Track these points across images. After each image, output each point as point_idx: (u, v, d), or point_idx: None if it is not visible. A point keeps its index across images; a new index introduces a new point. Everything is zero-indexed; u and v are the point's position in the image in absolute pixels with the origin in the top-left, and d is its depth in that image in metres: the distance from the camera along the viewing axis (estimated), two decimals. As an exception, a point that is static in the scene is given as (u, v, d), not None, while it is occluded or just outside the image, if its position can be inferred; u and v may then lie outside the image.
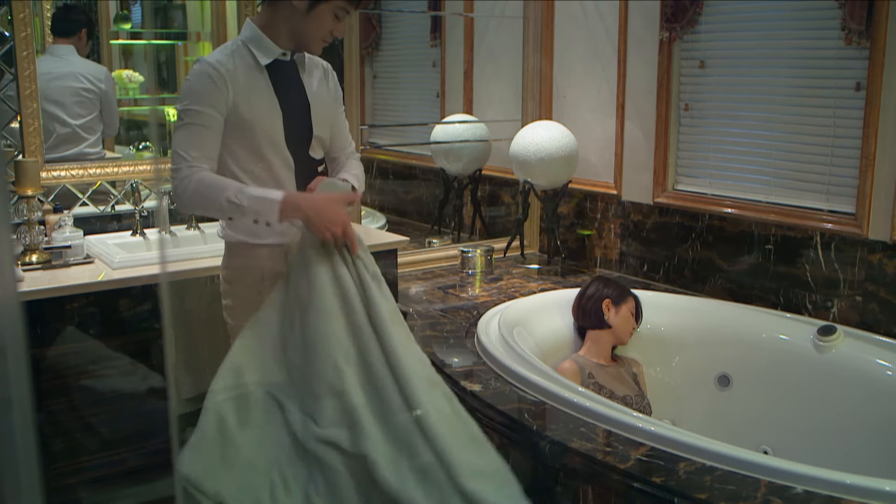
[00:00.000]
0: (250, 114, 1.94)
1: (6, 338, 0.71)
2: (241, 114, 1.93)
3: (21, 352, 0.72)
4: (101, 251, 2.57)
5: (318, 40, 1.99)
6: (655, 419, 2.21)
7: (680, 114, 3.19)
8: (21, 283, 2.29)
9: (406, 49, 4.47)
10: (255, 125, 1.95)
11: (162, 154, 3.24)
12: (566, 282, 3.26)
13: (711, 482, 1.74)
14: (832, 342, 2.52)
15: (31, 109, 2.66)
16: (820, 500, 1.66)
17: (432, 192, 4.12)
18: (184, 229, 2.89)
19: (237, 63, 1.95)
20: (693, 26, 3.07)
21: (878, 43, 2.48)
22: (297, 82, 2.05)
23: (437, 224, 4.01)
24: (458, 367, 2.43)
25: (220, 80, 1.91)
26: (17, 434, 0.71)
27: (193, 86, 1.92)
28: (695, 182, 3.17)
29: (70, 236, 2.51)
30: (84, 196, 2.83)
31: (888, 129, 2.50)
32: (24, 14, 2.62)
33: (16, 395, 0.71)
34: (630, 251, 3.35)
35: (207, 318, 2.60)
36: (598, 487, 1.86)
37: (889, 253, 2.52)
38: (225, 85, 1.91)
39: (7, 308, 0.72)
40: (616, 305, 2.69)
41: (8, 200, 2.14)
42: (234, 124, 1.94)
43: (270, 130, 1.97)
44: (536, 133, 3.31)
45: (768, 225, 2.85)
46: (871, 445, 2.32)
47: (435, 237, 3.91)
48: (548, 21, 3.65)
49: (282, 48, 2.00)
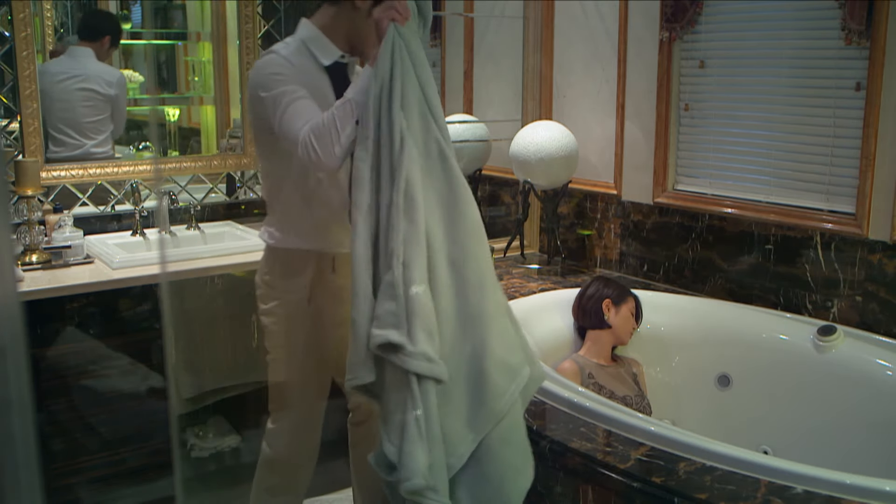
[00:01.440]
0: None
1: (6, 338, 0.71)
2: None
3: (21, 352, 0.72)
4: (101, 251, 2.57)
5: (375, 43, 1.85)
6: (655, 419, 2.21)
7: (680, 114, 3.19)
8: (21, 283, 2.29)
9: (406, 49, 4.47)
10: None
11: (162, 154, 3.24)
12: (566, 282, 3.26)
13: (711, 482, 1.74)
14: (832, 342, 2.52)
15: (31, 109, 2.66)
16: (820, 500, 1.66)
17: (432, 192, 4.12)
18: (184, 229, 2.89)
19: (303, 61, 1.96)
20: (693, 26, 3.07)
21: (878, 43, 2.48)
22: (347, 85, 1.99)
23: (437, 224, 4.00)
24: (458, 367, 2.43)
25: (293, 70, 1.91)
26: (17, 434, 0.71)
27: (275, 70, 1.90)
28: (695, 182, 3.17)
29: (70, 236, 2.51)
30: (84, 196, 2.83)
31: (888, 129, 2.50)
32: (24, 14, 2.62)
33: (16, 395, 0.71)
34: (630, 251, 3.35)
35: (207, 318, 2.61)
36: (598, 487, 1.86)
37: (889, 253, 2.52)
38: (296, 78, 1.90)
39: (7, 308, 0.72)
40: (616, 305, 2.69)
41: (8, 200, 2.15)
42: None
43: None
44: (536, 133, 3.31)
45: (768, 225, 2.85)
46: (871, 445, 2.32)
47: (435, 237, 3.91)
48: (548, 21, 3.65)
49: (340, 50, 2.01)
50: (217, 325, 2.65)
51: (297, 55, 1.95)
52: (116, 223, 2.89)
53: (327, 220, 2.05)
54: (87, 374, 2.36)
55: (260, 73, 1.92)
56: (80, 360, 2.35)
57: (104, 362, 2.38)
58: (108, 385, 2.39)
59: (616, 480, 1.82)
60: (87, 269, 2.46)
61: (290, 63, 1.92)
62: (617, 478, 1.81)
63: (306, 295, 2.06)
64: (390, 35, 1.69)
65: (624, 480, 1.80)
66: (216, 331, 2.66)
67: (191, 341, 2.62)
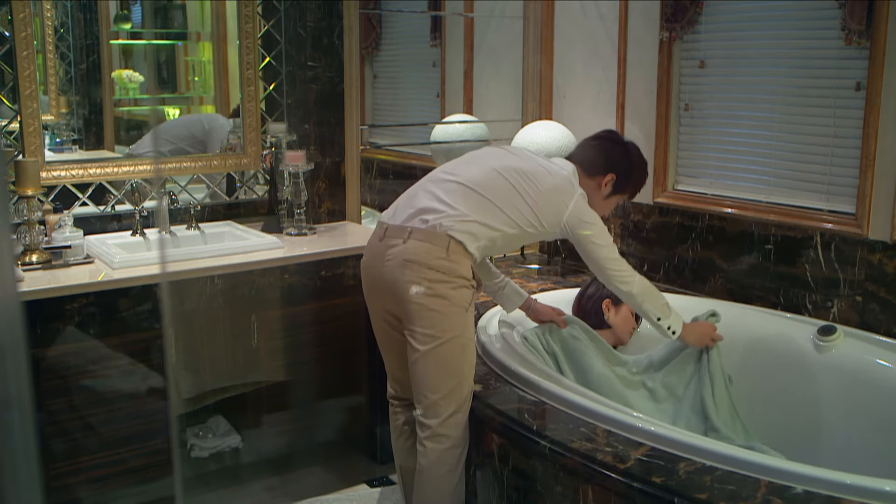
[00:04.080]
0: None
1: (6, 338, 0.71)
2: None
3: (21, 352, 0.72)
4: (101, 251, 2.57)
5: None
6: (655, 419, 2.21)
7: (680, 114, 3.19)
8: (21, 283, 2.29)
9: (406, 49, 4.47)
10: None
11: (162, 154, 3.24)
12: (566, 282, 3.26)
13: (711, 482, 1.74)
14: (832, 342, 2.52)
15: (30, 109, 2.66)
16: (820, 500, 1.66)
17: (432, 192, 4.11)
18: (184, 229, 2.89)
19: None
20: (693, 26, 3.07)
21: (878, 43, 2.48)
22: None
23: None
24: (458, 367, 2.43)
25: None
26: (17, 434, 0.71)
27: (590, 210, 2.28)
28: (695, 182, 3.17)
29: (70, 236, 2.51)
30: (84, 196, 2.83)
31: (888, 129, 2.50)
32: (24, 14, 2.62)
33: (16, 395, 0.71)
34: (630, 251, 3.35)
35: (207, 318, 2.61)
36: (598, 487, 1.86)
37: (889, 253, 2.52)
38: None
39: (7, 308, 0.72)
40: (616, 305, 2.68)
41: (8, 200, 2.15)
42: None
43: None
44: (536, 133, 3.30)
45: (768, 225, 2.85)
46: (871, 445, 2.32)
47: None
48: (548, 21, 3.65)
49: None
50: (217, 325, 2.65)
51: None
52: (116, 223, 2.89)
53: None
54: (87, 374, 2.35)
55: (583, 211, 2.26)
56: (80, 360, 2.34)
57: (104, 362, 2.38)
58: (108, 385, 2.39)
59: (616, 480, 1.82)
60: (87, 269, 2.46)
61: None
62: (617, 478, 1.81)
63: (471, 304, 2.21)
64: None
65: (624, 480, 1.80)
66: (216, 331, 2.66)
67: (191, 341, 2.62)
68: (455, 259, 2.11)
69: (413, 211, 2.18)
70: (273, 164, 3.06)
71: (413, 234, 2.13)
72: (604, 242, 2.26)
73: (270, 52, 3.12)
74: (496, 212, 2.18)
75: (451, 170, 2.30)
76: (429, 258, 2.09)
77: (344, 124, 3.22)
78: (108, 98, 3.08)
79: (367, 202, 3.94)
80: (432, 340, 2.10)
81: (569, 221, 2.24)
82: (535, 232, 2.25)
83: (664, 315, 2.33)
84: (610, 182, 2.38)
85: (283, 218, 3.03)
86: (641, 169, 2.48)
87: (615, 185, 2.39)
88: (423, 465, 2.17)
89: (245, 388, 2.83)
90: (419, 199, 2.21)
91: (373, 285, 2.25)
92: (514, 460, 2.12)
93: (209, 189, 3.10)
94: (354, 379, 2.98)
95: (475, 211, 2.16)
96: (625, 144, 2.46)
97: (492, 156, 2.36)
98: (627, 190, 2.45)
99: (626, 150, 2.44)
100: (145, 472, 2.46)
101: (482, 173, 2.24)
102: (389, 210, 2.28)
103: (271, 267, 2.69)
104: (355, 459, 3.03)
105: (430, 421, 2.15)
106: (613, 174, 2.38)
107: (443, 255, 2.10)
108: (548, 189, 2.23)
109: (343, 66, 3.19)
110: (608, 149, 2.41)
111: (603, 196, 2.39)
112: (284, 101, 3.14)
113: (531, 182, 2.22)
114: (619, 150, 2.43)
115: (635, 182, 2.46)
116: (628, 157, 2.42)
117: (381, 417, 2.70)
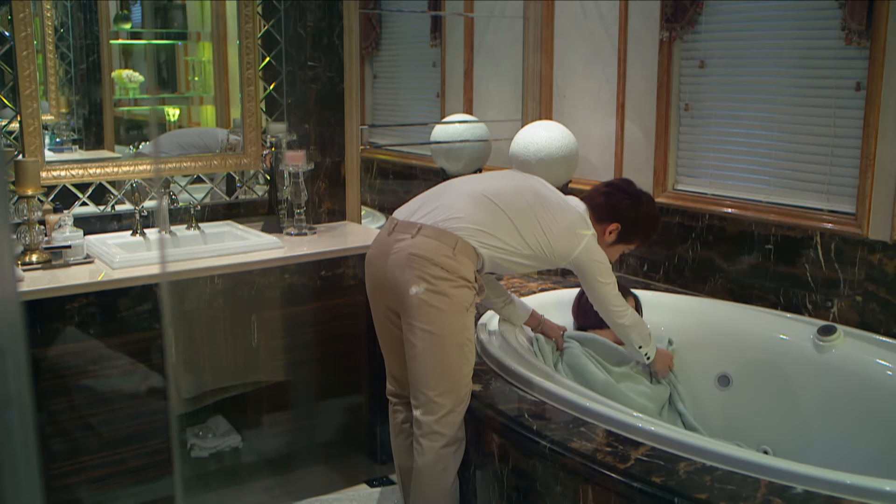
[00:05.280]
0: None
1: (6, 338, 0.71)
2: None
3: (21, 352, 0.72)
4: (101, 251, 2.57)
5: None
6: (655, 419, 2.21)
7: (680, 114, 3.19)
8: (21, 283, 2.29)
9: (406, 49, 4.47)
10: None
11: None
12: (566, 281, 3.26)
13: (711, 482, 1.74)
14: (832, 342, 2.52)
15: (30, 109, 2.66)
16: (820, 500, 1.66)
17: (432, 192, 4.12)
18: (184, 229, 2.89)
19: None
20: (693, 26, 3.07)
21: (878, 43, 2.48)
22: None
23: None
24: (458, 367, 2.43)
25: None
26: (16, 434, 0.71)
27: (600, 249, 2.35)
28: (695, 182, 3.17)
29: (70, 236, 2.51)
30: (84, 196, 2.83)
31: (888, 129, 2.50)
32: (24, 14, 2.62)
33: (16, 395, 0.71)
34: (630, 251, 3.34)
35: (207, 318, 2.61)
36: (598, 487, 1.86)
37: (889, 253, 2.52)
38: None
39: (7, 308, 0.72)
40: (616, 305, 2.69)
41: (8, 200, 2.14)
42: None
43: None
44: (536, 133, 3.30)
45: (768, 225, 2.85)
46: (871, 445, 2.32)
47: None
48: (548, 21, 3.65)
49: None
50: (217, 325, 2.65)
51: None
52: (116, 223, 2.89)
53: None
54: (87, 374, 2.35)
55: (595, 254, 2.34)
56: (80, 360, 2.34)
57: (104, 362, 2.38)
58: (108, 385, 2.39)
59: (616, 480, 1.82)
60: (87, 269, 2.46)
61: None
62: (617, 478, 1.81)
63: (471, 305, 2.21)
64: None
65: (624, 480, 1.80)
66: (216, 331, 2.66)
67: (191, 341, 2.62)
68: (460, 259, 2.12)
69: (428, 210, 2.21)
70: (273, 164, 3.06)
71: (422, 231, 2.15)
72: (608, 281, 2.36)
73: (270, 52, 3.12)
74: (511, 228, 2.21)
75: (474, 180, 2.36)
76: (435, 254, 2.10)
77: (344, 124, 3.22)
78: (108, 98, 3.09)
79: (367, 202, 3.94)
80: (430, 337, 2.10)
81: (578, 258, 2.31)
82: (542, 257, 2.29)
83: (645, 343, 2.48)
84: (615, 231, 2.43)
85: (283, 218, 3.03)
86: (650, 222, 2.51)
87: (620, 234, 2.44)
88: (420, 463, 2.18)
89: (245, 388, 2.83)
90: (436, 201, 2.24)
91: (375, 279, 2.26)
92: (514, 460, 2.12)
93: (209, 189, 3.11)
94: (354, 379, 2.98)
95: (491, 222, 2.19)
96: (636, 196, 2.49)
97: (516, 177, 2.43)
98: (634, 241, 2.51)
99: (635, 201, 2.47)
100: (145, 472, 2.46)
101: (505, 188, 2.28)
102: (403, 208, 2.31)
103: (271, 267, 2.69)
104: (355, 459, 3.03)
105: (426, 418, 2.15)
106: (618, 224, 2.42)
107: (449, 253, 2.11)
108: (564, 223, 2.29)
109: (343, 66, 3.19)
110: (618, 199, 2.45)
111: (607, 243, 2.44)
112: (284, 101, 3.14)
113: (549, 212, 2.27)
114: (628, 202, 2.45)
115: (643, 234, 2.52)
116: (636, 210, 2.46)
117: (381, 417, 2.70)
